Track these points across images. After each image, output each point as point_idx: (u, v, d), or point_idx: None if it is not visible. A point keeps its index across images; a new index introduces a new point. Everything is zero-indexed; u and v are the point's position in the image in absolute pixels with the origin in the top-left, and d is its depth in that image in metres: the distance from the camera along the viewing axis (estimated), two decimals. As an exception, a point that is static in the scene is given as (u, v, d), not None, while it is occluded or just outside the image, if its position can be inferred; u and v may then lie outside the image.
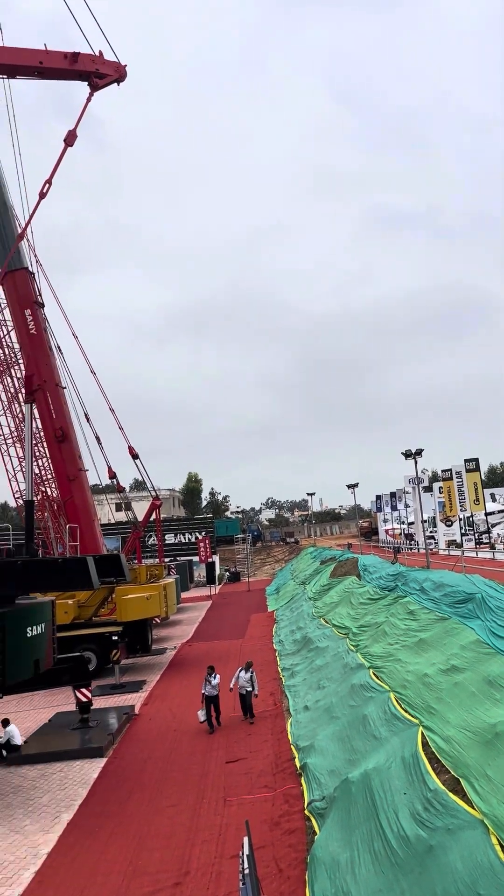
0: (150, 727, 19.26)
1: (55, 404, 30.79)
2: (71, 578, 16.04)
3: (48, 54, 19.82)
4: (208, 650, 30.97)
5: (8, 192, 32.07)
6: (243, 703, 18.93)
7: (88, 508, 31.54)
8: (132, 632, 27.51)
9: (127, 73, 20.73)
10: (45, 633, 15.35)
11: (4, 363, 34.72)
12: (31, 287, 31.25)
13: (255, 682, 19.09)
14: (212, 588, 61.85)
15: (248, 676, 18.84)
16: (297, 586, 45.86)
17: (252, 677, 18.91)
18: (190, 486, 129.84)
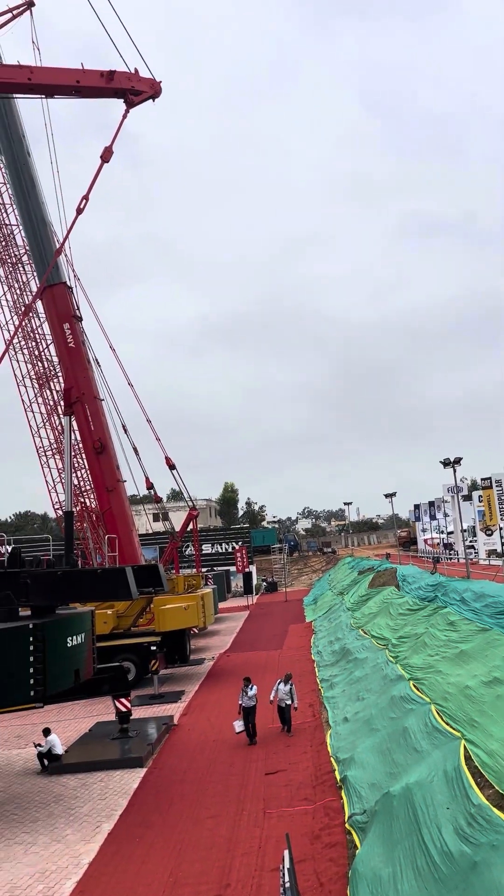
0: (189, 738, 19.28)
1: (93, 416, 31.18)
2: (110, 589, 16.17)
3: (85, 73, 20.20)
4: (246, 661, 30.92)
5: (46, 209, 32.72)
6: (282, 716, 18.77)
7: (127, 519, 31.82)
8: (170, 642, 27.61)
9: (162, 89, 21.03)
10: (85, 643, 15.49)
11: (44, 376, 35.29)
12: (70, 301, 31.76)
13: (295, 695, 18.90)
14: (249, 598, 61.77)
15: (287, 689, 18.69)
16: (334, 597, 45.56)
17: (291, 690, 18.75)
18: (226, 496, 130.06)
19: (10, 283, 35.59)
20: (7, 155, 33.40)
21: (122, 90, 20.56)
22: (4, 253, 35.78)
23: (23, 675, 12.97)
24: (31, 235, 32.96)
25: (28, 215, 32.70)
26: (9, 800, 15.55)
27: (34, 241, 32.74)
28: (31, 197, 32.44)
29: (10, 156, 33.03)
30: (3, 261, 35.68)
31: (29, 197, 32.47)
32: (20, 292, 35.58)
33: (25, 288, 35.63)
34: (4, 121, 32.72)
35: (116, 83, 20.41)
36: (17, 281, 35.67)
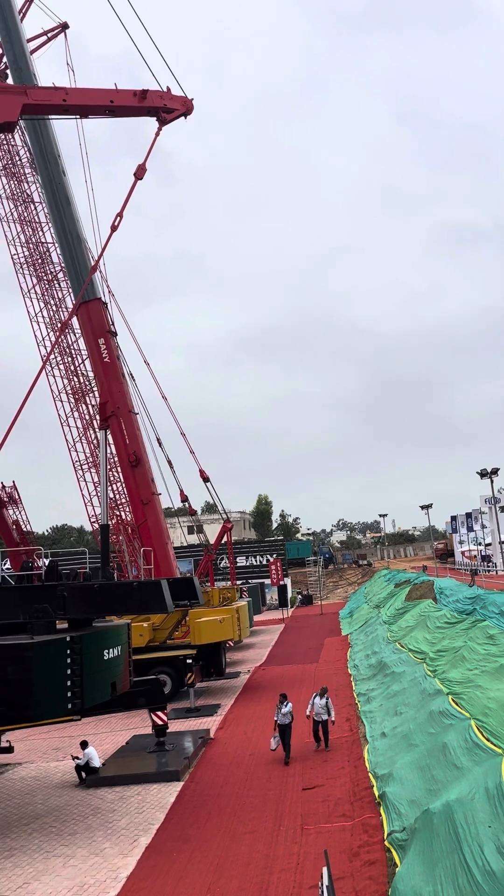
0: (225, 751, 19.21)
1: (128, 430, 31.44)
2: (146, 602, 16.22)
3: (118, 93, 20.54)
4: (282, 674, 30.75)
5: (81, 226, 33.25)
6: (319, 731, 18.42)
7: (162, 532, 31.95)
8: (206, 655, 27.57)
9: (194, 106, 21.31)
10: (122, 656, 15.55)
11: (79, 391, 35.77)
12: (104, 317, 32.16)
13: (332, 709, 18.59)
14: (284, 611, 61.50)
15: (323, 703, 18.40)
16: (371, 610, 45.14)
17: (328, 703, 18.43)
18: (260, 508, 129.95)
19: (46, 300, 36.25)
20: (43, 174, 34.07)
21: (155, 108, 20.86)
22: (40, 270, 36.47)
23: (60, 687, 13.05)
24: (66, 253, 33.51)
25: (63, 233, 33.26)
26: (47, 812, 15.64)
27: (69, 258, 33.27)
28: (67, 215, 33.00)
29: (45, 175, 33.68)
30: (40, 278, 36.36)
31: (64, 215, 33.04)
32: (56, 309, 36.21)
33: (61, 304, 36.25)
34: (40, 141, 33.40)
35: (149, 102, 20.72)
36: (52, 297, 36.32)
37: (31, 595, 15.40)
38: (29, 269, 36.31)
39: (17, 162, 36.96)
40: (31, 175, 36.53)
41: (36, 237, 36.48)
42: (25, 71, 33.52)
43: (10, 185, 36.52)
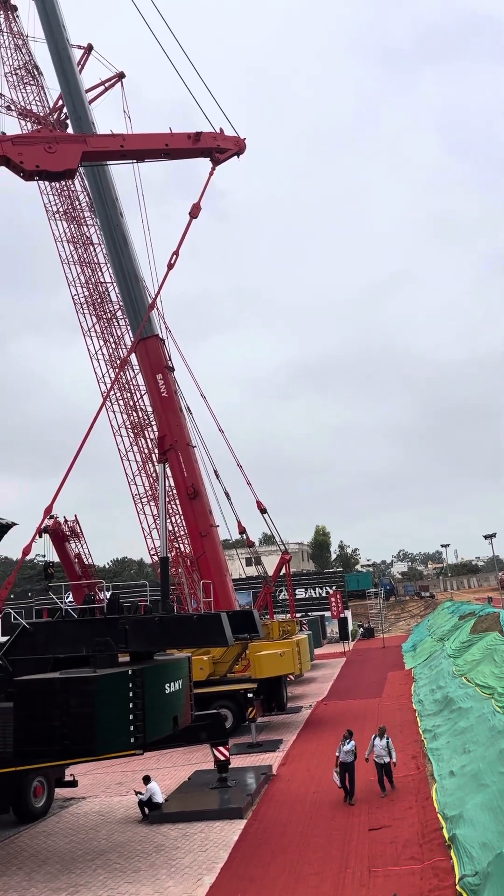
0: (288, 789, 18.85)
1: (186, 463, 31.78)
2: (206, 635, 16.19)
3: (173, 136, 21.16)
4: (344, 709, 30.14)
5: (138, 265, 34.19)
6: (381, 774, 17.46)
7: (220, 564, 32.00)
8: (267, 689, 27.28)
9: (246, 146, 21.76)
10: (183, 690, 15.52)
11: (138, 426, 36.45)
12: (162, 353, 32.81)
13: (393, 750, 17.51)
14: (345, 644, 60.50)
15: (383, 743, 17.34)
16: (434, 643, 43.99)
17: (388, 744, 17.39)
18: (318, 539, 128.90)
19: (106, 338, 37.26)
20: (102, 217, 35.25)
21: (209, 149, 21.37)
22: (100, 309, 37.55)
23: (123, 721, 13.09)
24: (124, 291, 34.46)
25: (121, 272, 34.24)
26: (111, 848, 15.59)
27: (127, 296, 34.20)
28: (125, 255, 34.00)
29: (104, 218, 34.84)
30: (99, 317, 37.43)
31: (122, 255, 34.05)
32: (115, 346, 37.16)
33: (120, 342, 37.19)
34: (99, 186, 34.64)
35: (203, 143, 21.25)
36: (111, 335, 37.32)
37: (94, 628, 15.58)
38: (89, 308, 37.44)
39: (77, 206, 38.37)
40: (91, 218, 37.84)
41: (95, 277, 37.65)
42: (84, 120, 34.95)
43: (70, 228, 37.87)
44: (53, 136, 22.20)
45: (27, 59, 41.85)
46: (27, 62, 41.81)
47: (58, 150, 19.44)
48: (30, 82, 41.45)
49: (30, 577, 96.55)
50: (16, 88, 41.28)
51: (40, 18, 36.91)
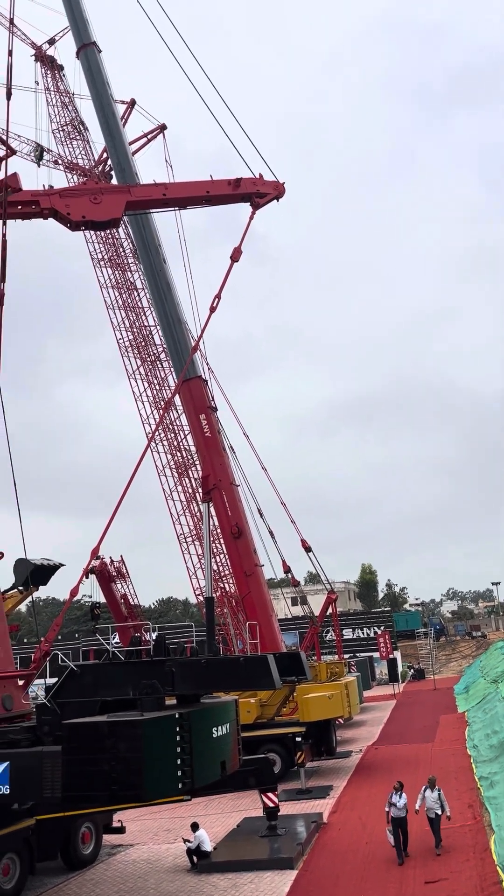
0: (340, 838, 18.31)
1: (230, 502, 31.85)
2: (253, 677, 15.95)
3: (214, 184, 21.71)
4: (396, 754, 29.29)
5: (181, 309, 34.84)
6: (433, 827, 16.54)
7: (266, 604, 31.75)
8: (316, 733, 26.69)
9: (286, 189, 22.19)
10: (231, 734, 15.29)
11: (182, 466, 36.75)
12: (205, 393, 33.20)
13: (445, 802, 16.60)
14: (395, 686, 59.01)
15: (434, 795, 16.48)
16: (488, 685, 42.59)
17: (440, 796, 16.52)
18: (365, 578, 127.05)
19: (150, 380, 37.90)
20: (145, 263, 36.16)
21: (249, 195, 21.85)
22: (144, 352, 38.30)
23: (171, 766, 12.91)
24: (168, 334, 35.13)
25: (165, 316, 34.96)
26: (159, 897, 15.30)
27: (171, 339, 34.84)
28: (168, 299, 34.74)
29: (147, 264, 35.73)
30: (143, 359, 38.15)
31: (165, 300, 34.80)
32: (159, 388, 37.77)
33: (163, 383, 37.80)
34: (142, 233, 35.60)
35: (243, 189, 21.75)
36: (155, 377, 37.97)
37: (140, 670, 15.51)
38: (133, 351, 38.22)
39: (122, 253, 39.47)
40: (134, 264, 38.85)
41: (139, 321, 38.49)
42: (128, 171, 36.11)
43: (115, 275, 38.92)
44: (99, 188, 22.98)
45: (73, 116, 43.66)
46: (73, 118, 43.61)
47: (103, 201, 20.11)
48: (76, 137, 43.18)
49: (77, 617, 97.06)
50: (63, 144, 43.04)
51: (86, 77, 38.53)
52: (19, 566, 28.21)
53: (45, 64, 45.17)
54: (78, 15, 38.80)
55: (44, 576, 29.55)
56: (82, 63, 38.63)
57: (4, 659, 16.72)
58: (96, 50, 38.34)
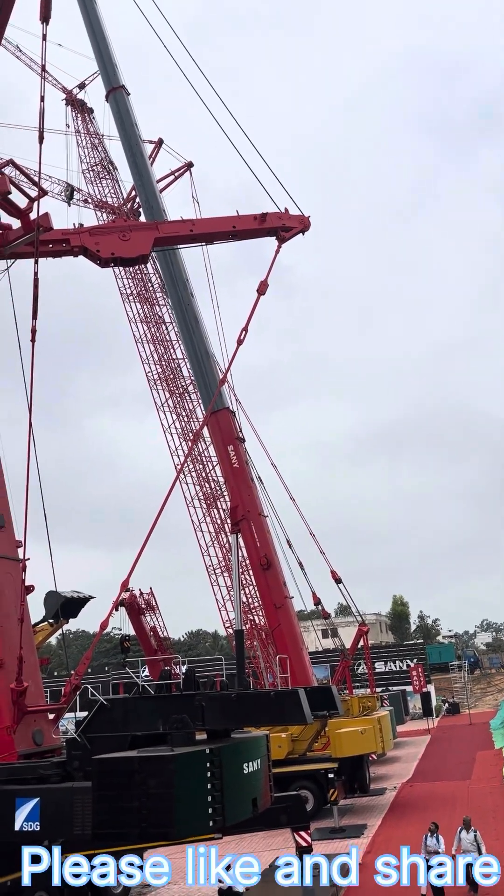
0: (374, 880, 17.79)
1: (259, 533, 31.78)
2: (284, 712, 15.72)
3: (240, 219, 22.03)
4: (432, 792, 28.55)
5: (209, 342, 35.24)
6: (470, 874, 15.95)
7: (296, 637, 31.44)
8: (348, 769, 26.19)
9: (311, 223, 22.41)
10: (262, 770, 15.02)
11: (211, 497, 36.77)
12: (233, 424, 33.37)
13: (482, 844, 16.01)
14: (429, 721, 57.75)
15: (470, 837, 15.92)
16: (525, 720, 41.52)
17: (476, 837, 15.94)
18: (396, 609, 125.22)
19: (178, 412, 38.18)
20: (173, 297, 36.71)
21: (274, 229, 22.11)
22: (172, 385, 38.66)
23: (202, 803, 12.69)
24: (196, 367, 35.50)
25: (193, 349, 35.36)
26: (190, 940, 14.97)
27: (199, 371, 35.20)
28: (195, 333, 35.17)
29: (175, 298, 36.27)
30: (172, 392, 38.50)
31: (193, 333, 35.24)
32: (187, 420, 38.03)
33: (191, 415, 38.06)
34: (170, 268, 36.21)
35: (269, 223, 22.01)
36: (184, 409, 38.25)
37: (170, 705, 15.38)
38: (162, 384, 38.60)
39: (150, 288, 40.11)
40: (163, 298, 39.44)
41: (168, 354, 38.94)
42: (156, 207, 36.86)
43: (143, 309, 39.52)
44: (127, 226, 23.48)
45: (103, 156, 44.85)
46: (103, 159, 44.79)
47: (131, 238, 20.51)
48: (105, 177, 44.29)
49: (106, 650, 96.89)
50: (92, 183, 44.16)
51: (114, 119, 39.62)
52: (50, 599, 28.39)
53: (76, 107, 46.59)
54: (107, 59, 40.02)
55: (74, 608, 29.68)
56: (111, 106, 39.75)
57: (35, 693, 16.71)
58: (125, 93, 39.45)
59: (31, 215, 17.83)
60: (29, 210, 17.81)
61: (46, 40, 16.28)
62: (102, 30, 40.31)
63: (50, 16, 16.23)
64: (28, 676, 15.97)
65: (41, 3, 16.11)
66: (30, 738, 16.15)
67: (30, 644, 17.33)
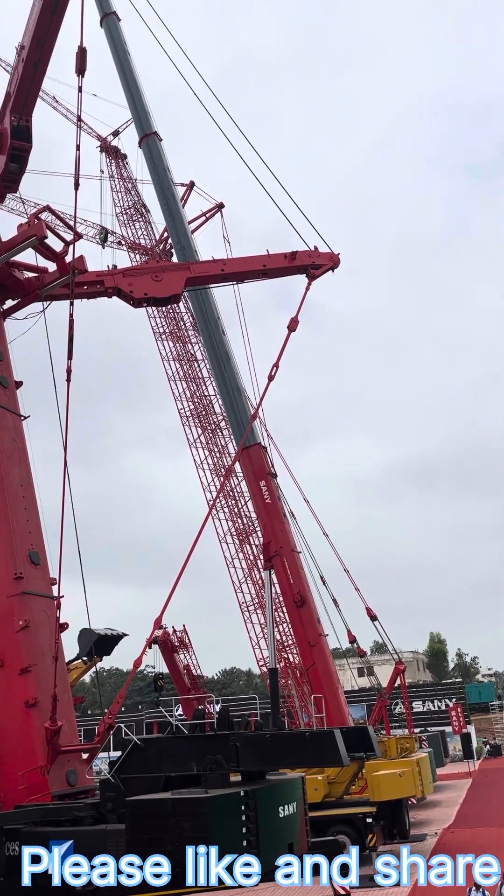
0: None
1: (292, 569, 31.53)
2: (319, 753, 15.42)
3: (270, 258, 22.33)
4: (475, 838, 27.53)
5: (240, 378, 35.50)
6: None
7: (331, 675, 30.93)
8: (387, 813, 25.45)
9: (340, 261, 22.63)
10: (298, 813, 14.71)
11: (243, 532, 36.68)
12: (265, 460, 33.39)
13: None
14: (469, 763, 56.02)
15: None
16: None
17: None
18: (433, 647, 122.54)
19: (210, 448, 38.40)
20: (205, 335, 37.18)
21: (304, 266, 22.36)
22: (204, 421, 38.98)
23: (236, 847, 12.44)
24: (227, 403, 35.76)
25: (224, 386, 35.66)
26: None
27: (230, 408, 35.44)
28: (227, 370, 35.51)
29: (207, 336, 36.74)
30: (204, 428, 38.79)
31: (225, 370, 35.58)
32: (219, 455, 38.21)
33: (223, 451, 38.24)
34: (202, 307, 36.75)
35: (299, 261, 22.26)
36: (216, 445, 38.47)
37: (204, 745, 15.18)
38: (194, 420, 38.95)
39: (182, 326, 40.76)
40: (195, 336, 40.00)
41: (200, 391, 39.35)
42: (188, 248, 37.57)
43: (176, 347, 40.13)
44: (160, 266, 23.96)
45: (136, 200, 46.07)
46: (136, 202, 46.00)
47: (164, 279, 20.89)
48: (138, 219, 45.43)
49: (140, 688, 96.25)
50: (126, 226, 45.33)
51: (147, 164, 40.68)
52: (83, 636, 28.40)
53: (110, 154, 48.06)
54: (140, 107, 41.26)
55: (107, 646, 29.64)
56: (144, 151, 40.86)
57: (69, 732, 16.63)
58: (157, 138, 40.54)
59: (66, 258, 18.32)
60: (64, 253, 18.30)
61: (82, 91, 16.87)
62: (135, 79, 41.65)
63: (85, 68, 16.87)
64: (62, 715, 15.91)
65: (77, 57, 16.77)
66: (63, 779, 16.04)
67: (64, 682, 17.31)
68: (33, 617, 16.60)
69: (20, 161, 17.18)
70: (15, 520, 17.26)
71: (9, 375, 19.11)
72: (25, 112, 16.99)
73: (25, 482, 18.20)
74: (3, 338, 19.61)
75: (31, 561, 17.25)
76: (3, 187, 17.52)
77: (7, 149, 16.84)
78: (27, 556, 17.17)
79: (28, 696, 15.91)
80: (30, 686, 16.00)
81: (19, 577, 16.67)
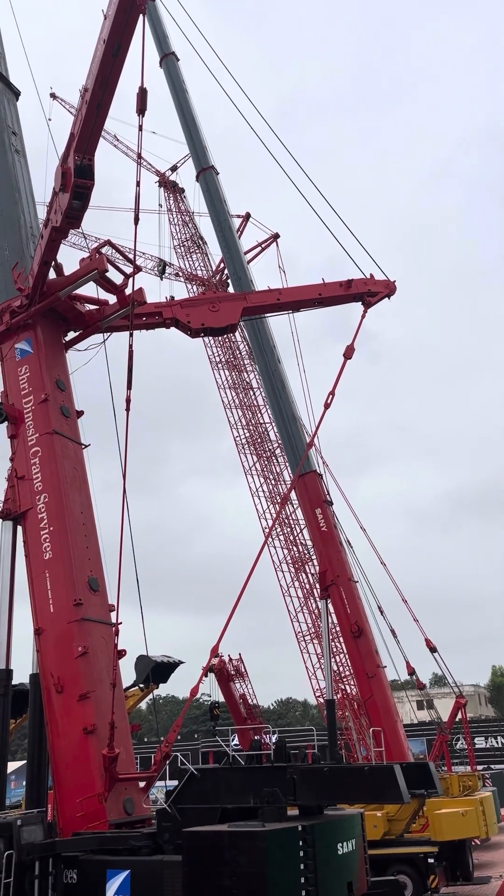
0: None
1: (349, 599, 31.10)
2: (379, 789, 15.00)
3: (326, 286, 22.40)
4: (542, 884, 26.32)
5: (295, 407, 35.56)
6: None
7: (390, 708, 30.23)
8: (450, 854, 24.54)
9: (396, 288, 22.54)
10: (357, 851, 14.31)
11: (299, 561, 36.48)
12: (320, 487, 33.21)
13: None
14: (536, 804, 53.70)
15: None
16: None
17: None
18: (496, 681, 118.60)
19: (266, 476, 38.48)
20: (260, 364, 37.46)
21: (360, 294, 22.34)
22: (260, 448, 39.12)
23: (294, 884, 12.15)
24: (282, 431, 35.83)
25: (280, 414, 35.76)
26: None
27: (286, 435, 35.48)
28: (282, 398, 35.63)
29: (262, 364, 36.99)
30: (259, 455, 38.92)
31: (280, 398, 35.71)
32: (274, 483, 38.23)
33: (279, 478, 38.27)
34: (258, 336, 37.07)
35: (354, 289, 22.25)
36: (271, 473, 38.53)
37: (261, 777, 14.98)
38: (250, 447, 39.14)
39: (238, 355, 41.18)
40: (250, 365, 40.35)
41: (255, 419, 39.57)
42: (244, 279, 38.06)
43: (232, 376, 40.53)
44: (216, 297, 24.33)
45: (193, 232, 47.04)
46: (193, 234, 46.97)
47: (220, 309, 21.18)
48: (195, 251, 46.33)
49: (195, 716, 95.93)
50: (183, 257, 46.28)
51: (204, 197, 41.54)
52: (140, 663, 28.51)
53: (168, 189, 49.31)
54: (197, 143, 42.28)
55: (164, 673, 29.66)
56: (201, 185, 41.77)
57: (126, 760, 16.65)
58: (214, 172, 41.42)
59: (126, 291, 18.77)
60: (124, 286, 18.76)
61: (143, 130, 17.37)
62: (193, 116, 42.75)
63: (146, 108, 17.40)
64: (119, 743, 15.95)
65: (137, 98, 17.29)
66: (121, 807, 16.03)
67: (122, 709, 17.37)
68: (92, 643, 16.75)
69: (83, 198, 17.71)
70: (75, 546, 17.54)
71: (70, 405, 19.59)
72: (88, 151, 17.53)
73: (86, 509, 18.51)
74: (66, 368, 20.14)
75: (91, 587, 17.46)
76: (66, 223, 18.06)
77: (70, 187, 17.40)
78: (87, 583, 17.40)
79: (86, 723, 16.00)
80: (88, 712, 16.10)
81: (79, 604, 16.88)
